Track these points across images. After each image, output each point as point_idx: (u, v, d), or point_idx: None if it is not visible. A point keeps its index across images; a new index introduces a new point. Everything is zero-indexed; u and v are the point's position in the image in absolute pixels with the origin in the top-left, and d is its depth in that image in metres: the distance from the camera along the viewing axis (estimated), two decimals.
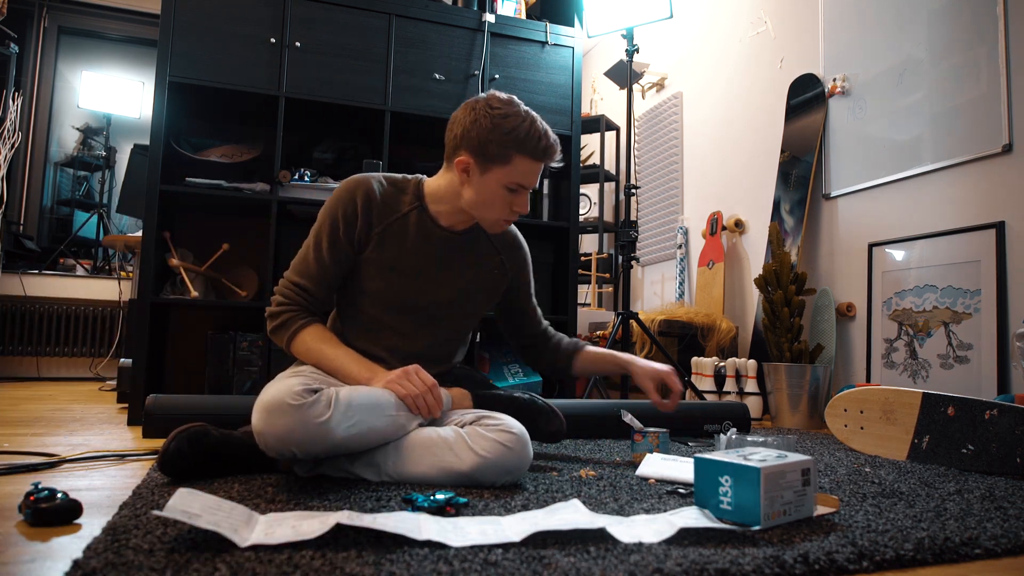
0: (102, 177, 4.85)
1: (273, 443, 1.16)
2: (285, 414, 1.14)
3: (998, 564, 0.92)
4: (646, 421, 1.99)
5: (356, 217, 1.42)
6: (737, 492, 1.01)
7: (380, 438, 1.26)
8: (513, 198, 1.40)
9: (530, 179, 1.38)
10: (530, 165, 1.37)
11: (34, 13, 4.80)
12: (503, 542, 0.87)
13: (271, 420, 1.14)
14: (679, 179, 4.13)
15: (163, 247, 2.51)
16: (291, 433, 1.14)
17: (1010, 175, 2.32)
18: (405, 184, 1.49)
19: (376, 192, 1.44)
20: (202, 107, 2.72)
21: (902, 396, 1.83)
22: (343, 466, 1.28)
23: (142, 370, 2.31)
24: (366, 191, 1.43)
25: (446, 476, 1.25)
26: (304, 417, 1.14)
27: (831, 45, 3.10)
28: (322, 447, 1.18)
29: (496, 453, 1.25)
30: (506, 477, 1.26)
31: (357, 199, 1.42)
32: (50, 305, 4.37)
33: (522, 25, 2.92)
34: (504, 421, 1.31)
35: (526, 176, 1.37)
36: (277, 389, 1.17)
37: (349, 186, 1.44)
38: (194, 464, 1.24)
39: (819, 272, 3.09)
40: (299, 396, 1.15)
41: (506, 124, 1.34)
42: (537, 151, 1.36)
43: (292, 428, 1.14)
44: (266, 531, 0.87)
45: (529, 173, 1.37)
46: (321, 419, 1.16)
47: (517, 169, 1.36)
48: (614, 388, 3.44)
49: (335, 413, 1.17)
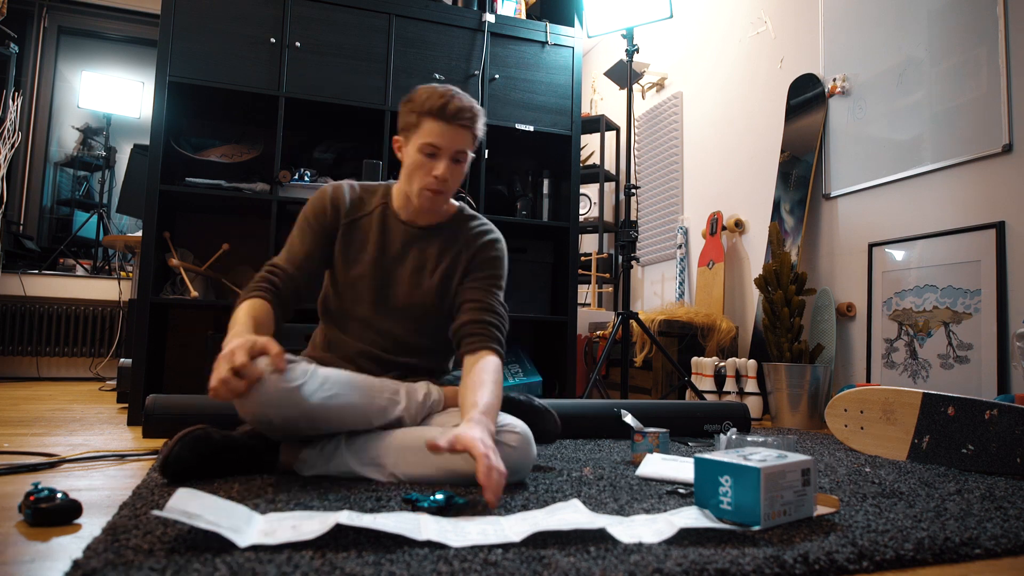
0: (102, 177, 4.85)
1: (250, 405, 1.20)
2: (261, 382, 1.17)
3: (998, 564, 0.92)
4: (646, 421, 1.99)
5: (325, 211, 1.50)
6: (737, 492, 1.01)
7: (360, 415, 1.32)
8: (431, 163, 1.41)
9: (439, 139, 1.40)
10: (435, 125, 1.39)
11: (34, 13, 4.80)
12: (503, 542, 0.87)
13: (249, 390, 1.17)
14: (679, 179, 4.13)
15: (163, 247, 2.51)
16: (263, 395, 1.18)
17: (1010, 175, 2.32)
18: (376, 188, 1.57)
19: (346, 193, 1.52)
20: (202, 107, 2.72)
21: (902, 396, 1.83)
22: (347, 466, 1.29)
23: (142, 370, 2.31)
24: (335, 192, 1.52)
25: (451, 476, 1.26)
26: (275, 380, 1.19)
27: (831, 45, 3.10)
28: (296, 412, 1.23)
29: (501, 454, 1.23)
30: (511, 477, 1.25)
31: (327, 198, 1.51)
32: (50, 305, 4.37)
33: (522, 25, 2.92)
34: (509, 422, 1.32)
35: (434, 135, 1.39)
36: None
37: (322, 189, 1.53)
38: (195, 467, 1.25)
39: (819, 272, 3.09)
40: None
41: (415, 96, 1.43)
42: (437, 111, 1.39)
43: (264, 390, 1.18)
44: (266, 531, 0.87)
45: (437, 133, 1.39)
46: (294, 383, 1.21)
47: (425, 130, 1.40)
48: (614, 388, 3.44)
49: (309, 381, 1.24)
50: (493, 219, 2.81)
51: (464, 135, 1.41)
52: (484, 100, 2.80)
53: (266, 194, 2.54)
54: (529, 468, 1.32)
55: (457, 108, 1.39)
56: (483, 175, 2.80)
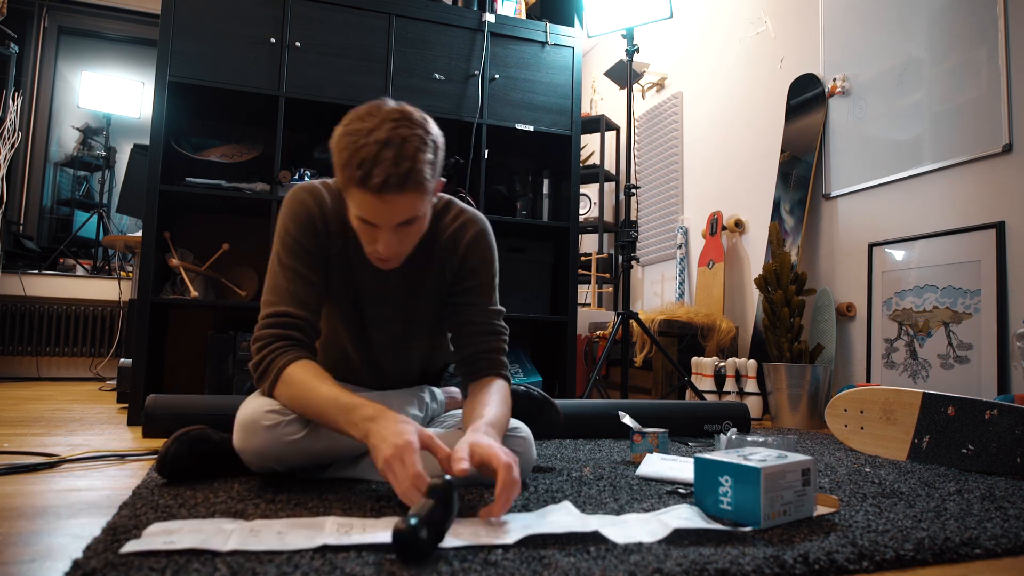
0: (102, 177, 4.85)
1: (254, 460, 1.19)
2: (258, 434, 1.16)
3: (998, 564, 0.92)
4: (646, 421, 1.99)
5: (314, 224, 1.25)
6: (737, 492, 1.01)
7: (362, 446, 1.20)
8: (372, 233, 1.14)
9: (372, 215, 1.10)
10: (363, 197, 1.09)
11: (34, 13, 4.80)
12: (495, 544, 0.87)
13: (246, 439, 1.17)
14: (679, 179, 4.13)
15: (163, 247, 2.51)
16: (266, 450, 1.16)
17: (1010, 175, 2.32)
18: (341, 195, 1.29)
19: (327, 200, 1.27)
20: (202, 107, 2.72)
21: (902, 396, 1.83)
22: (344, 471, 1.28)
23: (142, 370, 2.30)
24: (317, 197, 1.26)
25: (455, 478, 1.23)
26: (277, 436, 1.16)
27: (831, 45, 3.10)
28: (301, 460, 1.20)
29: None
30: None
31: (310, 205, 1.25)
32: (50, 305, 4.37)
33: (522, 25, 2.92)
34: (512, 425, 1.31)
35: (365, 210, 1.10)
36: (249, 407, 1.19)
37: (296, 195, 1.26)
38: (192, 467, 1.24)
39: (819, 272, 3.09)
40: (271, 415, 1.16)
41: (337, 145, 1.11)
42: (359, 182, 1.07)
43: (266, 446, 1.16)
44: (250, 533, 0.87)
45: (368, 208, 1.09)
46: (293, 437, 1.17)
47: (354, 199, 1.11)
48: (614, 388, 3.44)
49: (310, 431, 1.18)
50: (493, 219, 2.79)
51: (402, 203, 1.09)
52: (484, 100, 2.80)
53: (266, 194, 2.54)
54: (530, 468, 1.33)
55: (383, 178, 1.05)
56: (483, 175, 2.80)
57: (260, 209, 2.62)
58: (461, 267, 1.32)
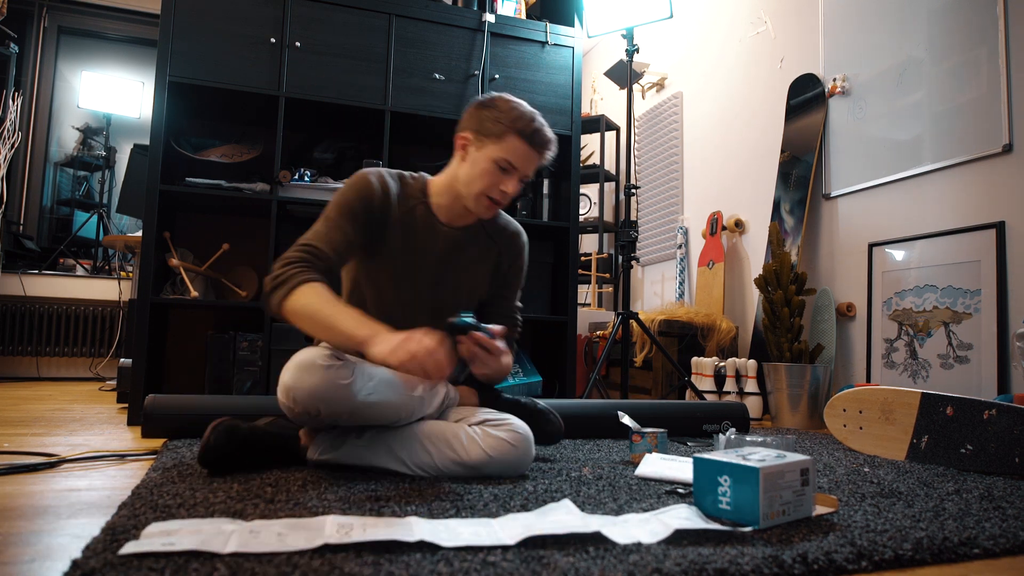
0: (102, 177, 4.85)
1: (302, 397, 1.24)
2: (315, 373, 1.24)
3: (997, 564, 0.92)
4: (645, 421, 1.99)
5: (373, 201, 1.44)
6: (736, 492, 1.01)
7: (394, 413, 1.34)
8: (503, 178, 1.43)
9: (521, 161, 1.42)
10: (522, 146, 1.41)
11: (34, 13, 4.80)
12: (495, 544, 0.87)
13: (302, 377, 1.24)
14: (679, 179, 4.13)
15: (163, 247, 2.51)
16: (317, 389, 1.24)
17: (1010, 175, 2.32)
18: (414, 182, 1.54)
19: (392, 185, 1.48)
20: (202, 107, 2.72)
21: (901, 396, 1.83)
22: (359, 456, 1.35)
23: (142, 370, 2.31)
24: (381, 182, 1.46)
25: (458, 468, 1.35)
26: (331, 377, 1.24)
27: (831, 45, 3.10)
28: (344, 408, 1.27)
29: (502, 451, 1.36)
30: (510, 471, 1.38)
31: (374, 187, 1.44)
32: (50, 305, 4.37)
33: (522, 25, 2.92)
34: (511, 421, 1.41)
35: (517, 156, 1.41)
36: (308, 352, 1.27)
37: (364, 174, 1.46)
38: (229, 456, 1.30)
39: (819, 272, 3.09)
40: (328, 359, 1.25)
41: (505, 106, 1.44)
42: (528, 135, 1.41)
43: (319, 385, 1.24)
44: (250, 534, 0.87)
45: (520, 154, 1.41)
46: (345, 381, 1.25)
47: (509, 146, 1.41)
48: (614, 388, 3.44)
49: (357, 379, 1.27)
50: None
51: (540, 161, 1.46)
52: None
53: (266, 194, 2.54)
54: (529, 464, 1.41)
55: (545, 138, 1.43)
56: None
57: (260, 209, 2.62)
58: (512, 265, 1.62)
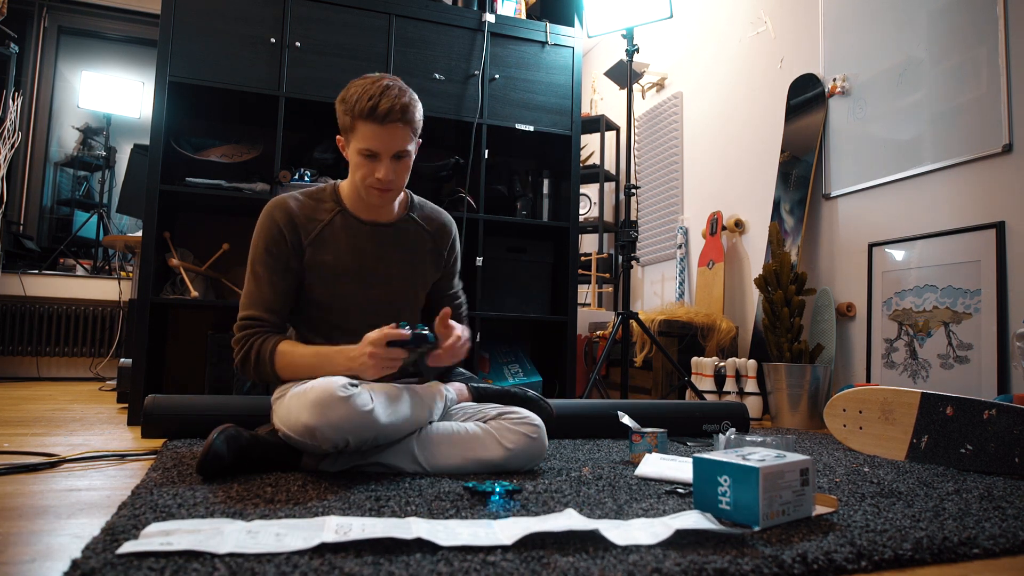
0: (102, 177, 4.85)
1: (330, 434, 1.23)
2: (337, 407, 1.23)
3: (996, 564, 0.92)
4: (644, 421, 1.99)
5: (283, 236, 1.48)
6: (736, 492, 1.01)
7: (410, 425, 1.37)
8: (374, 165, 1.43)
9: (378, 143, 1.40)
10: (368, 128, 1.39)
11: (34, 13, 4.80)
12: (494, 544, 0.87)
13: (325, 413, 1.22)
14: (679, 179, 4.13)
15: (163, 247, 2.51)
16: (344, 423, 1.23)
17: (1010, 175, 2.32)
18: (322, 193, 1.56)
19: (294, 208, 1.50)
20: (202, 107, 2.72)
21: (901, 396, 1.83)
22: (375, 457, 1.35)
23: (142, 370, 2.31)
24: (284, 210, 1.49)
25: (478, 466, 1.38)
26: (354, 405, 1.24)
27: (831, 45, 3.10)
28: (371, 434, 1.28)
29: (522, 444, 1.41)
30: (530, 464, 1.44)
31: (277, 222, 1.48)
32: (50, 305, 4.37)
33: (522, 25, 2.92)
34: (525, 415, 1.45)
35: (371, 140, 1.40)
36: (320, 386, 1.26)
37: (268, 210, 1.50)
38: (231, 463, 1.29)
39: (819, 272, 3.09)
40: (345, 389, 1.25)
41: (347, 96, 1.43)
42: (369, 115, 1.38)
43: (345, 419, 1.23)
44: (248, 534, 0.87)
45: (372, 137, 1.40)
46: (367, 408, 1.26)
47: (360, 134, 1.41)
48: (614, 388, 3.44)
49: (377, 403, 1.29)
50: (493, 219, 2.81)
51: (400, 133, 1.41)
52: (484, 100, 2.80)
53: (266, 194, 2.54)
54: (545, 454, 1.47)
55: (387, 108, 1.38)
56: (483, 175, 2.80)
57: (260, 209, 2.61)
58: (451, 250, 1.67)
